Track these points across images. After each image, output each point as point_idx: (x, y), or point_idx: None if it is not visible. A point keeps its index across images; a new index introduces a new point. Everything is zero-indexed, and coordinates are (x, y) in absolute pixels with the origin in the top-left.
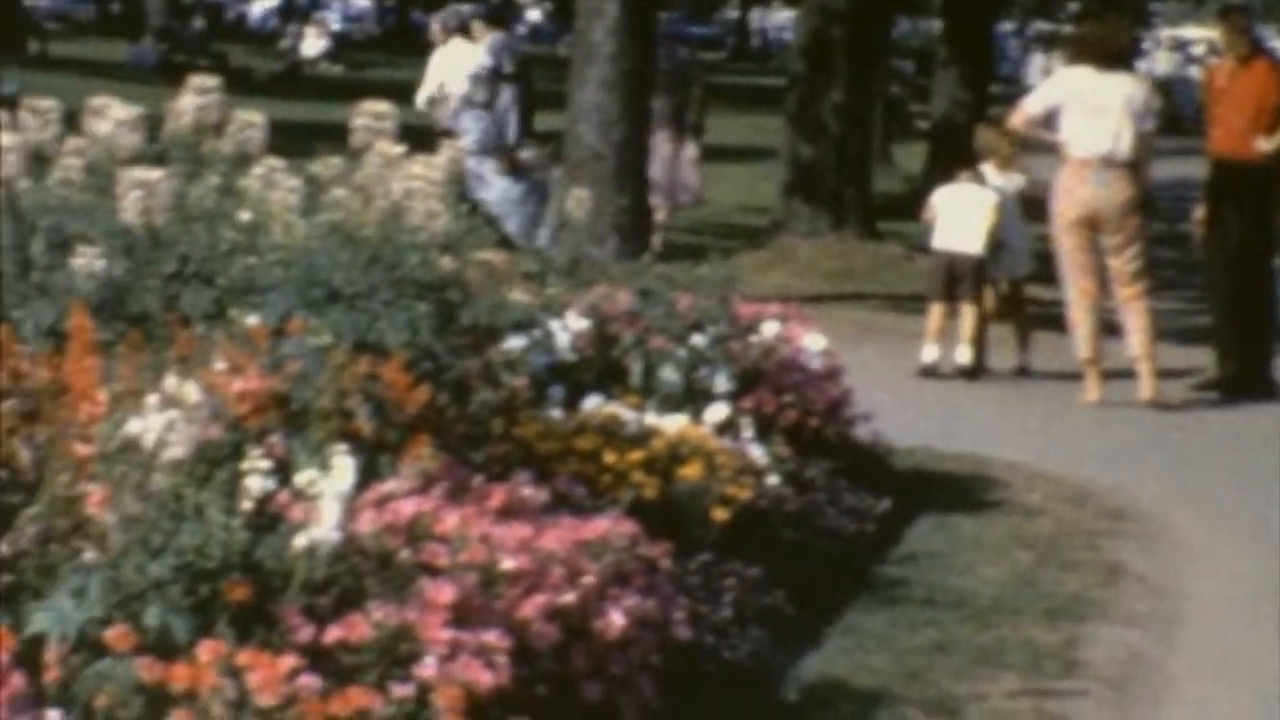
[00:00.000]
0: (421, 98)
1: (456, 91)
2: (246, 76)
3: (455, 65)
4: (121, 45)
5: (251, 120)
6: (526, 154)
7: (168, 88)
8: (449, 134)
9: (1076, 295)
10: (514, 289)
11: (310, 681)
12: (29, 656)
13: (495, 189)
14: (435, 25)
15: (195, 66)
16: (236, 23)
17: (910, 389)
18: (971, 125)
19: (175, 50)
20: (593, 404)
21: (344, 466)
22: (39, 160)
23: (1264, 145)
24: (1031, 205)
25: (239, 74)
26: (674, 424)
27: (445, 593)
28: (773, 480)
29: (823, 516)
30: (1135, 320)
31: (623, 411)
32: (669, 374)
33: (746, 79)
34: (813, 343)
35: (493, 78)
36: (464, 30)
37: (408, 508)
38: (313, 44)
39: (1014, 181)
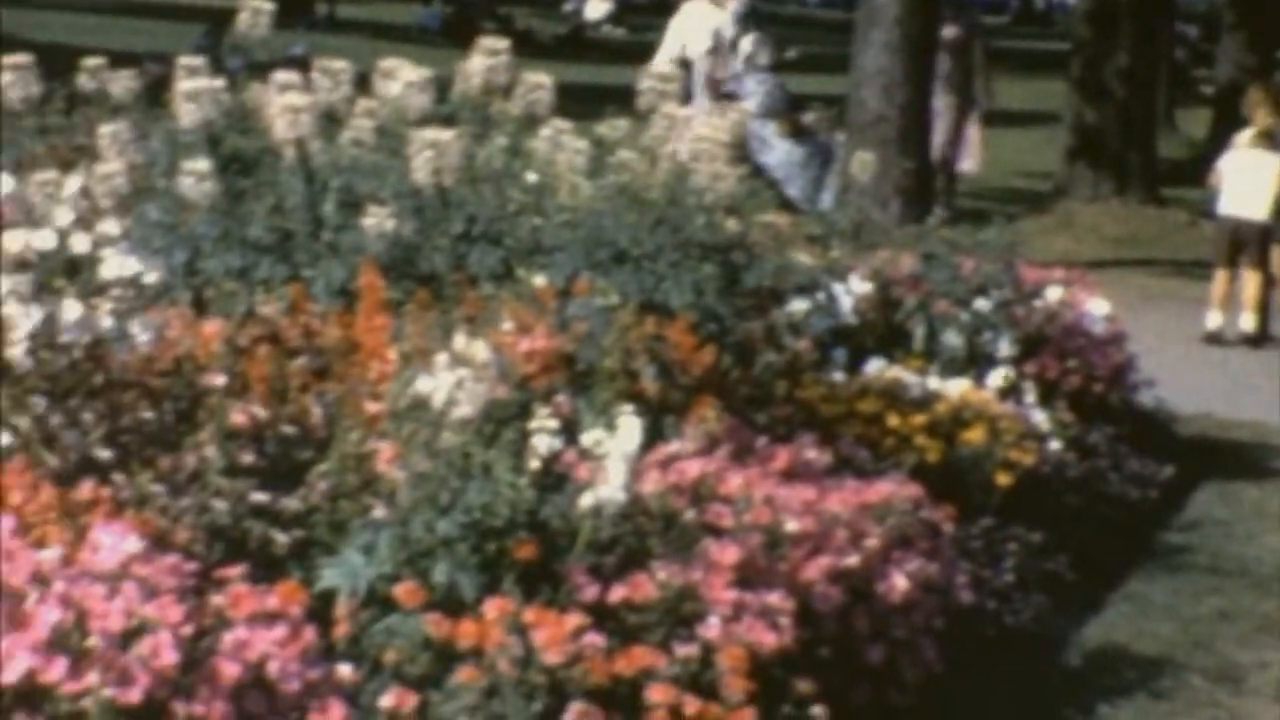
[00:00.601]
0: (661, 61)
1: (696, 55)
2: (530, 39)
3: (695, 29)
4: (404, 8)
5: (540, 82)
6: (809, 117)
7: (452, 50)
8: (731, 97)
9: None
10: (798, 252)
11: (595, 640)
12: (320, 611)
13: (778, 152)
14: None
15: (480, 29)
16: None
17: (1194, 355)
18: None
19: (461, 12)
20: (875, 367)
21: (630, 426)
22: (330, 121)
23: None
24: None
25: (523, 36)
26: (956, 388)
27: (730, 553)
28: (1055, 445)
29: (1105, 482)
30: None
31: (905, 375)
32: (952, 338)
33: (1029, 43)
34: (1096, 308)
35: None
36: None
37: (692, 468)
38: (596, 7)
39: None
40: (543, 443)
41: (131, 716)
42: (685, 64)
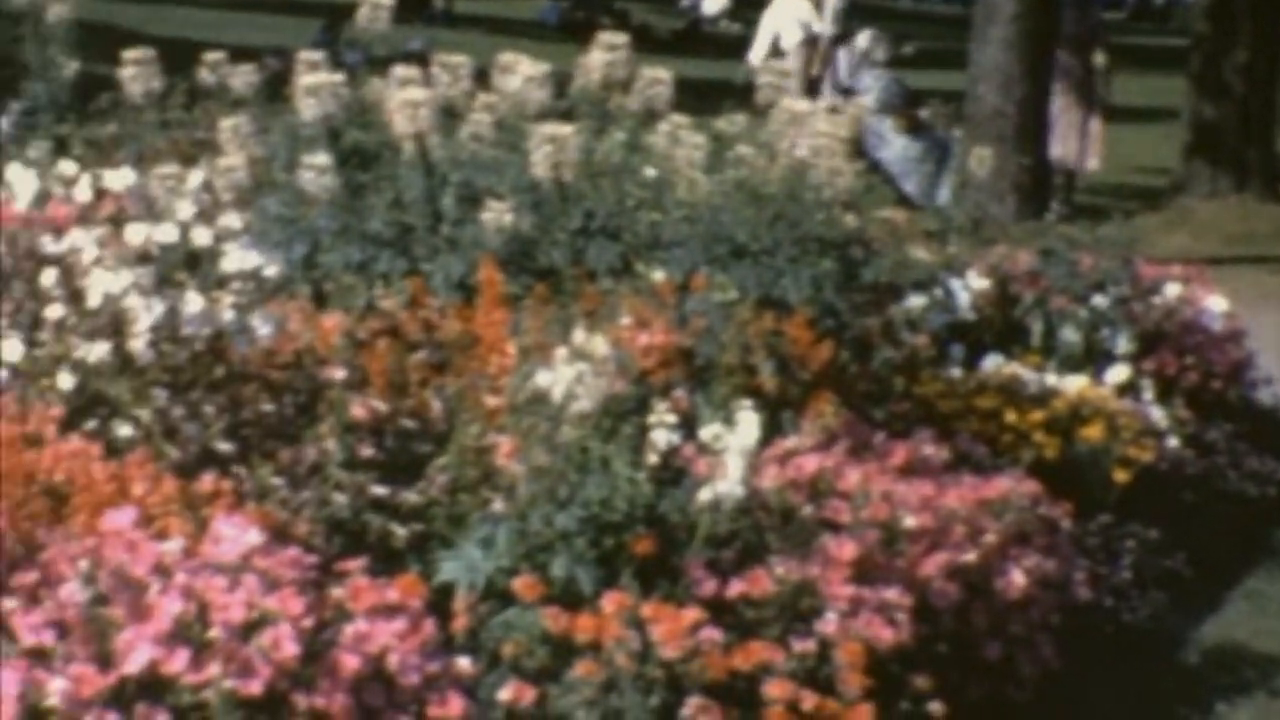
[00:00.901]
0: (757, 54)
1: (789, 47)
2: (647, 34)
3: (787, 22)
4: (521, 3)
5: (658, 77)
6: (926, 113)
7: (570, 45)
8: (849, 92)
9: None
10: (915, 247)
11: (713, 634)
12: (438, 604)
13: (894, 147)
14: None
15: (597, 24)
16: None
17: None
18: None
19: (579, 7)
20: (993, 363)
21: (749, 422)
22: (449, 116)
23: None
24: None
25: (640, 31)
26: (1074, 384)
27: (847, 549)
28: (1173, 442)
29: (1224, 480)
30: None
31: (1023, 371)
32: (1069, 334)
33: (1146, 39)
34: (1214, 304)
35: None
36: None
37: (810, 464)
38: (712, 2)
39: None
40: (661, 437)
41: (252, 708)
42: (779, 57)
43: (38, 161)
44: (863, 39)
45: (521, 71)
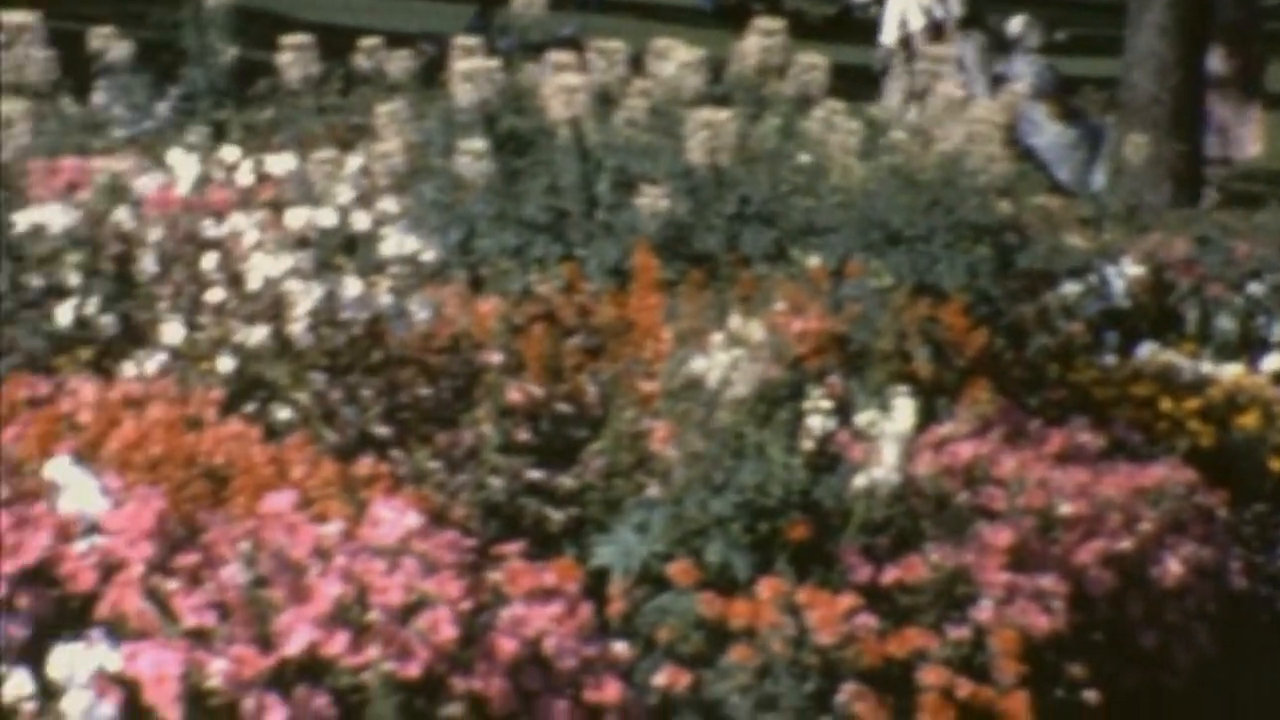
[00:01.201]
0: (888, 36)
1: (915, 29)
2: (800, 20)
3: (911, 6)
4: None
5: (813, 63)
6: (1079, 100)
7: (722, 30)
8: (1002, 79)
9: None
10: (1070, 234)
11: (868, 621)
12: (593, 589)
13: (1048, 134)
14: None
15: (750, 10)
16: None
17: None
18: None
19: None
20: (1148, 351)
21: (904, 408)
22: (604, 101)
23: None
24: None
25: (792, 17)
26: (1230, 372)
27: (1003, 536)
28: None
29: None
30: None
31: (1178, 359)
32: (1225, 322)
33: None
34: None
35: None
36: None
37: (966, 450)
38: None
39: None
40: (816, 423)
41: (410, 690)
42: (906, 42)
43: (198, 146)
44: (1015, 24)
45: (677, 57)
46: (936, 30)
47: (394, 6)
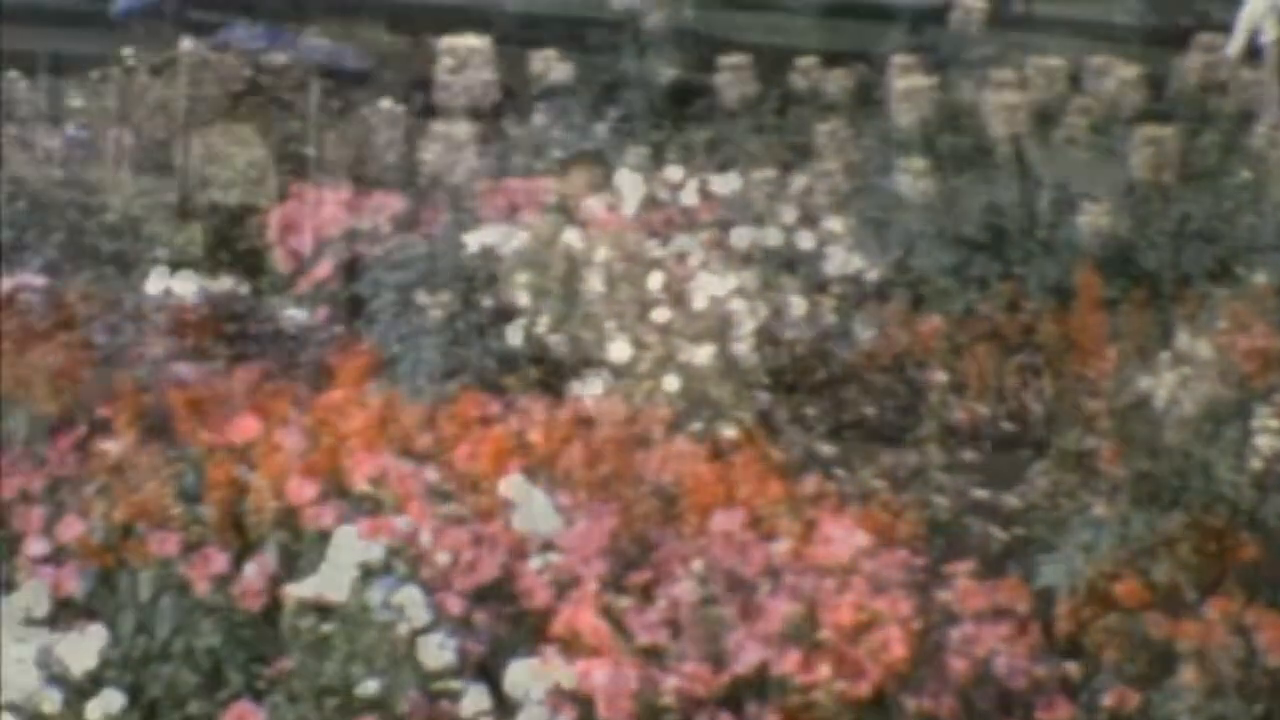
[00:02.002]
0: (1234, 47)
1: (1267, 43)
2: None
3: (1268, 10)
4: (1097, 5)
5: (1258, 79)
6: None
7: (1152, 47)
8: None
9: None
10: None
11: None
12: (1039, 608)
13: None
14: None
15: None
16: None
17: None
18: None
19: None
20: None
21: None
22: (1043, 119)
23: None
24: None
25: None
26: None
27: None
28: None
29: None
30: None
31: None
32: None
33: None
34: None
35: None
36: None
37: None
38: None
39: None
40: (1264, 442)
41: (861, 709)
42: (1255, 54)
43: (641, 167)
44: None
45: (1116, 74)
46: None
47: (829, 26)
